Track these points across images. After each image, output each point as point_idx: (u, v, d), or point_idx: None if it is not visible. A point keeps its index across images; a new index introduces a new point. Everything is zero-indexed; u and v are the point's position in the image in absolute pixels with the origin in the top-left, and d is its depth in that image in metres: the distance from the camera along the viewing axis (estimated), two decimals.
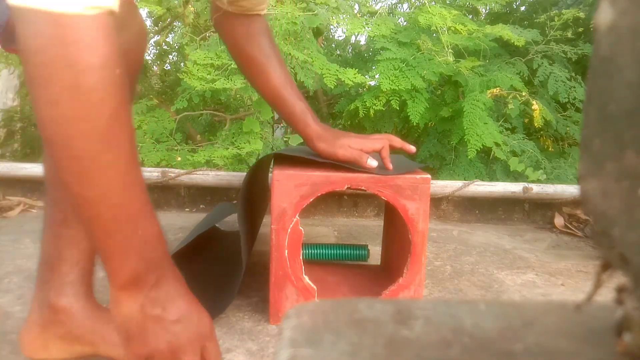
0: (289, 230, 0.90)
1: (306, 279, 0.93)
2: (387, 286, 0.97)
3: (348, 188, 0.90)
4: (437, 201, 1.80)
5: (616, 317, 0.24)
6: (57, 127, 0.46)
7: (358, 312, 0.27)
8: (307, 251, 1.24)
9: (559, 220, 1.77)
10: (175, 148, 2.04)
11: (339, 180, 0.90)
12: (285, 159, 1.02)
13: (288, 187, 0.89)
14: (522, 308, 0.28)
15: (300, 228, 0.91)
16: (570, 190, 1.78)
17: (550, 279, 1.26)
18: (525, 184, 1.78)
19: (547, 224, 1.81)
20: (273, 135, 2.90)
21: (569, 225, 1.74)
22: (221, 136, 2.15)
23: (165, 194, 1.74)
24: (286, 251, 0.91)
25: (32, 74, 0.45)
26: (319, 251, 1.26)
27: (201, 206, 1.75)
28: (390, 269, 1.11)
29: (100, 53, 0.45)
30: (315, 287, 0.94)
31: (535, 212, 1.84)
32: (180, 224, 1.54)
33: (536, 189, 1.77)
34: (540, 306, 0.29)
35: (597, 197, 0.21)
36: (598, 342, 0.25)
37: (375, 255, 1.27)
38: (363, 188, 0.90)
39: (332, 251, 1.26)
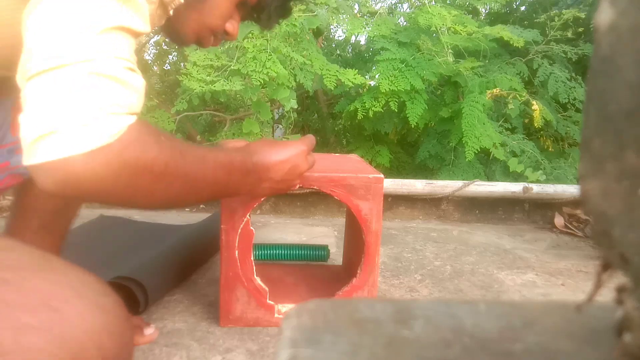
0: (240, 230, 0.87)
1: (257, 280, 0.90)
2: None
3: (300, 187, 0.87)
4: (437, 201, 1.80)
5: (616, 317, 0.24)
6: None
7: (358, 312, 0.27)
8: (266, 252, 1.23)
9: (559, 220, 1.77)
10: None
11: None
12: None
13: None
14: (522, 308, 0.28)
15: (252, 228, 0.88)
16: (570, 190, 1.78)
17: (550, 279, 1.26)
18: (526, 184, 1.78)
19: (547, 224, 1.81)
20: (273, 136, 2.90)
21: (569, 225, 1.74)
22: (221, 136, 2.15)
23: None
24: (237, 251, 0.88)
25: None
26: (278, 252, 1.25)
27: (201, 206, 1.75)
28: (350, 269, 1.08)
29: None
30: (267, 288, 0.91)
31: (535, 212, 1.84)
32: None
33: (536, 189, 1.77)
34: (540, 306, 0.29)
35: (597, 197, 0.21)
36: (598, 342, 0.25)
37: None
38: (315, 187, 0.88)
39: (291, 252, 1.25)
